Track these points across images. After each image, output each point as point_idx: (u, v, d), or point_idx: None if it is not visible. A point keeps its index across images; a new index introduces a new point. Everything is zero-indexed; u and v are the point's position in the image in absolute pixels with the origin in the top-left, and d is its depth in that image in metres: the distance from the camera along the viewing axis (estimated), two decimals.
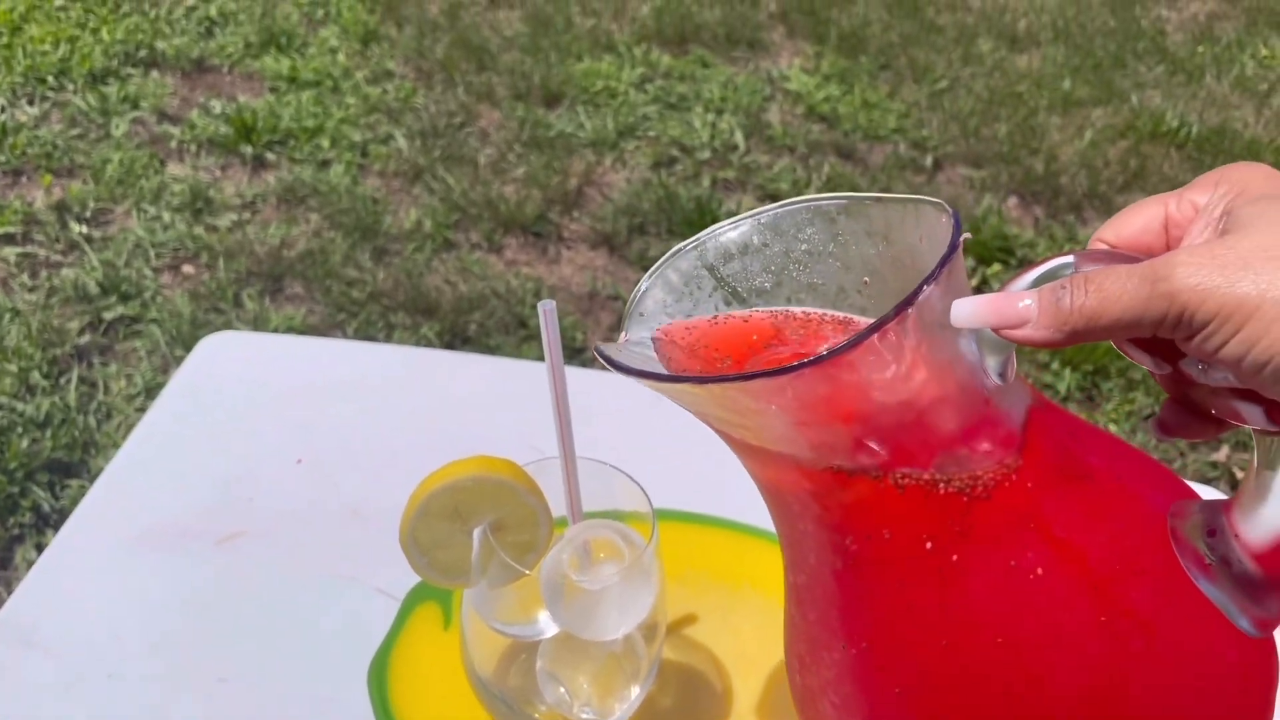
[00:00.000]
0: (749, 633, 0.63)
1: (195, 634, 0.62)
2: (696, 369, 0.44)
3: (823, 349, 0.36)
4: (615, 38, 2.80)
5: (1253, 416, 0.37)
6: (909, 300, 0.34)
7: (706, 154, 2.40)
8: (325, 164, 2.26)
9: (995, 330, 0.36)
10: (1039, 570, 0.38)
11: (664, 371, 0.43)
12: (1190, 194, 0.38)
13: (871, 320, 0.38)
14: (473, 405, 0.79)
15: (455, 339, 1.88)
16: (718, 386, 0.37)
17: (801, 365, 0.34)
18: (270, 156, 2.26)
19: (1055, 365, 1.91)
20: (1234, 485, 1.76)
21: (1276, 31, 3.14)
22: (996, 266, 2.13)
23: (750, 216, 0.45)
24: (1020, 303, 0.36)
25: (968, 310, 0.36)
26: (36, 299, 1.85)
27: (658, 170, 2.34)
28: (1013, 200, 2.35)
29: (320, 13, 2.78)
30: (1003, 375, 0.38)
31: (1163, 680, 0.38)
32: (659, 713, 0.59)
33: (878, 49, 2.85)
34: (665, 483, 0.63)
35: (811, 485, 0.39)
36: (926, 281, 0.34)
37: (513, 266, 2.06)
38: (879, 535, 0.39)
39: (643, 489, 0.54)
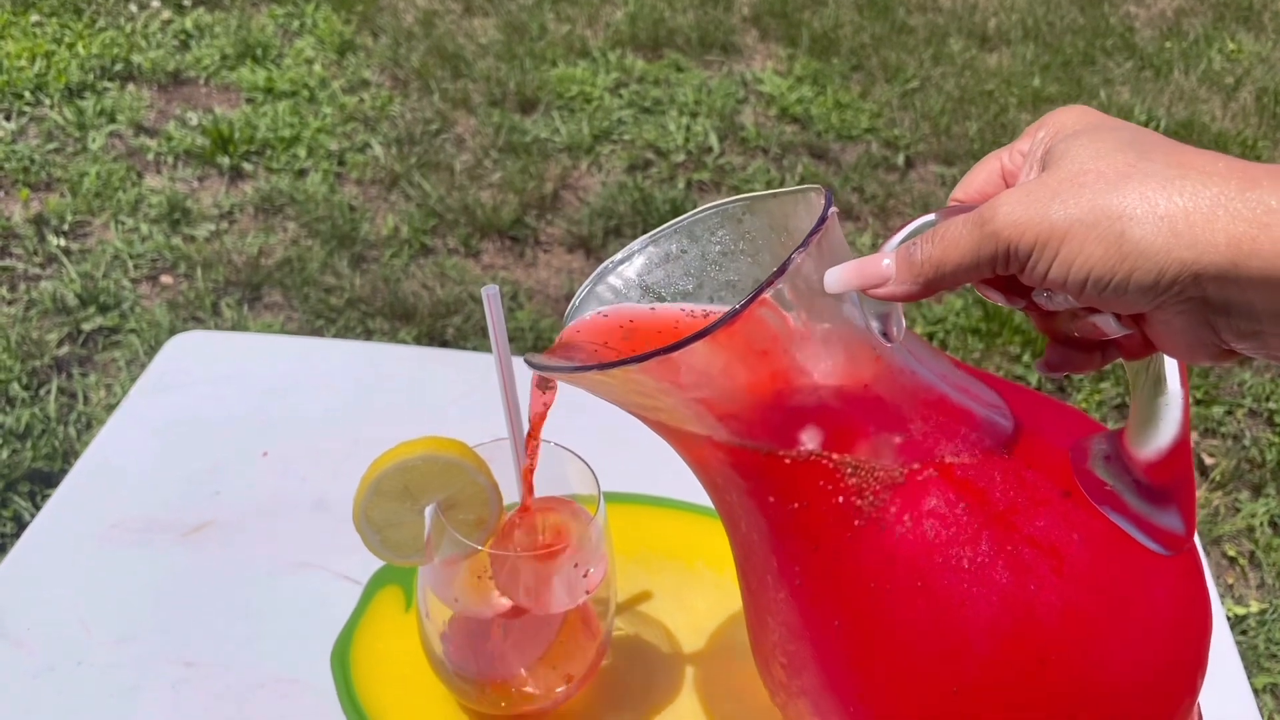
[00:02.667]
0: (702, 608, 0.65)
1: (163, 622, 0.64)
2: None
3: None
4: (590, 43, 2.82)
5: (1107, 326, 0.40)
6: (781, 270, 0.36)
7: (681, 157, 2.42)
8: (302, 173, 2.28)
9: (863, 291, 0.39)
10: (945, 510, 0.40)
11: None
12: (1018, 144, 0.41)
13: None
14: (436, 397, 0.81)
15: (433, 343, 1.89)
16: (619, 370, 0.39)
17: (689, 340, 0.37)
18: (247, 167, 2.27)
19: (1026, 358, 1.93)
20: (1203, 471, 1.79)
21: (1243, 25, 3.18)
22: None
23: (667, 228, 0.48)
24: (882, 262, 0.39)
25: (838, 276, 0.39)
26: (15, 312, 1.86)
27: (633, 173, 2.36)
28: None
29: (296, 24, 2.80)
30: (887, 335, 0.40)
31: (1077, 603, 0.40)
32: (614, 685, 0.61)
33: (849, 50, 2.88)
34: (623, 468, 0.65)
35: (729, 458, 0.42)
36: (796, 251, 0.37)
37: (490, 270, 2.08)
38: (793, 501, 0.41)
39: (590, 467, 0.56)
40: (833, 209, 0.39)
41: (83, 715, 0.59)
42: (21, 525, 1.51)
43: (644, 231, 2.20)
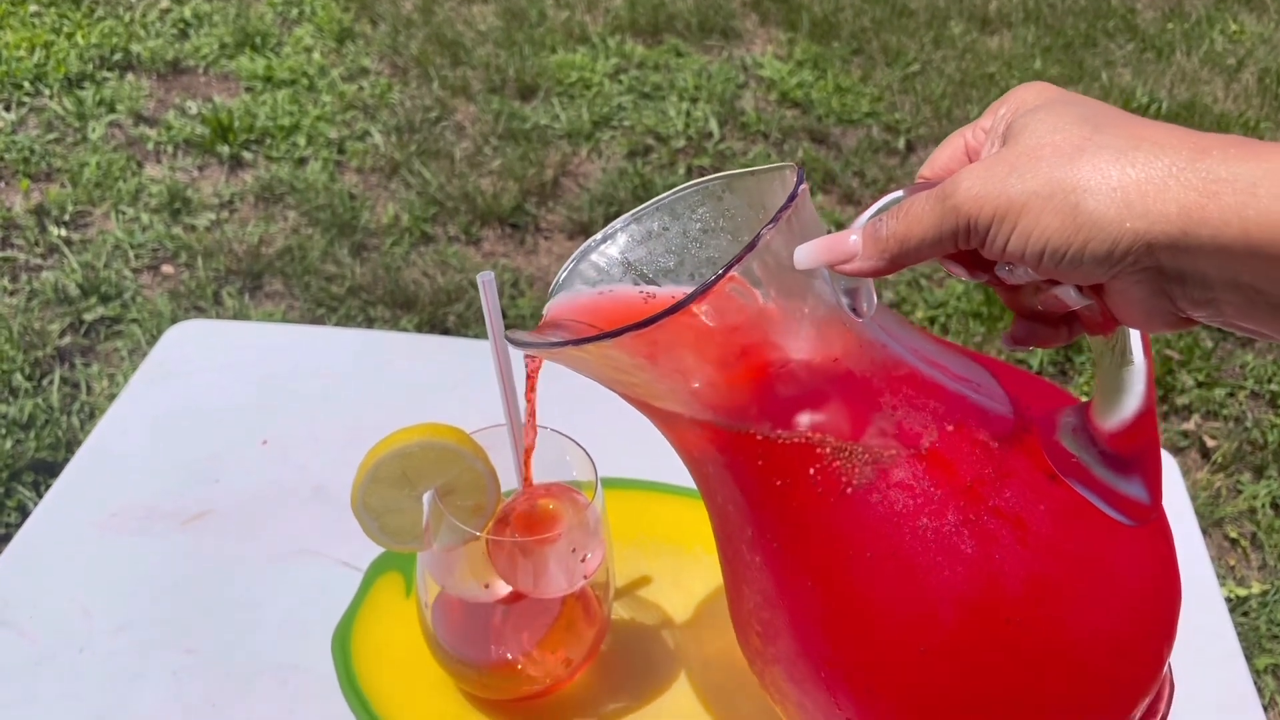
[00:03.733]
0: (699, 592, 0.65)
1: (163, 609, 0.64)
2: None
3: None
4: (589, 29, 2.81)
5: (1068, 297, 0.40)
6: (750, 246, 0.37)
7: (681, 142, 2.42)
8: (302, 161, 2.27)
9: (831, 267, 0.39)
10: (914, 481, 0.41)
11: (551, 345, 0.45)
12: (981, 122, 0.41)
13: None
14: (435, 384, 0.81)
15: (435, 331, 1.89)
16: (594, 346, 0.39)
17: (660, 316, 0.37)
18: (247, 156, 2.27)
19: None
20: (1204, 453, 1.79)
21: (1245, 6, 3.17)
22: None
23: (649, 206, 0.48)
24: (849, 239, 0.39)
25: (806, 252, 0.39)
26: (17, 302, 1.87)
27: (633, 159, 2.36)
28: None
29: (295, 12, 2.79)
30: (856, 310, 0.41)
31: (1040, 571, 0.41)
32: (612, 669, 0.61)
33: (850, 34, 2.87)
34: (621, 453, 0.66)
35: (704, 433, 0.42)
36: (765, 228, 0.37)
37: (490, 258, 2.08)
38: (767, 473, 0.41)
39: (587, 453, 0.56)
40: (803, 186, 0.39)
41: (84, 702, 0.59)
42: (26, 515, 1.52)
43: None
